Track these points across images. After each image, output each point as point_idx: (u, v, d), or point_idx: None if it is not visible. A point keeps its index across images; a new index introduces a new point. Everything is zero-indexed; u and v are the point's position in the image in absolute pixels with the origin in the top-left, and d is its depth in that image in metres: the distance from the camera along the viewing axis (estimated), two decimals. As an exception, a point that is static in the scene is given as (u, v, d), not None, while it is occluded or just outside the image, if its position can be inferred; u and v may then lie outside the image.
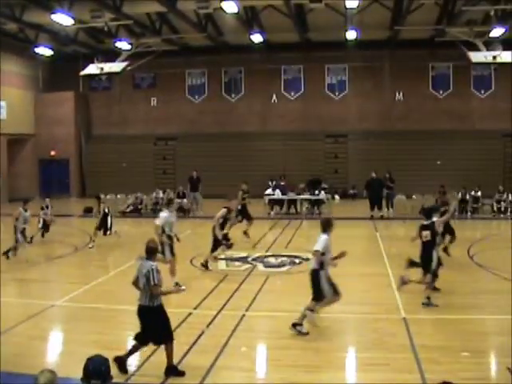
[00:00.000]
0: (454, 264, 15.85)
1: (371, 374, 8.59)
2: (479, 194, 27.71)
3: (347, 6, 24.97)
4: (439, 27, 29.25)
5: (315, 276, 10.41)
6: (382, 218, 25.87)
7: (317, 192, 27.94)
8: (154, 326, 8.50)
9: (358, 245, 19.86)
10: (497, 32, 26.01)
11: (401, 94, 35.76)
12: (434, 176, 30.23)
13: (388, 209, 26.99)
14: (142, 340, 8.62)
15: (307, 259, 16.79)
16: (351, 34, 29.61)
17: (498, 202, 27.71)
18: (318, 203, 27.96)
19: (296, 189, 28.43)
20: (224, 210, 15.69)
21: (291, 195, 28.04)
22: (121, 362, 8.49)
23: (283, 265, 16.15)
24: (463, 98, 35.14)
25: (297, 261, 16.91)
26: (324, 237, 10.58)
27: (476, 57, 25.67)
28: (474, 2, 24.94)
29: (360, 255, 17.75)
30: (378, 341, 9.83)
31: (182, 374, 8.48)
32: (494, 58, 24.60)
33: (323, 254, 10.36)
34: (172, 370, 8.50)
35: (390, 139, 34.38)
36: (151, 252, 8.80)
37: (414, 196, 27.26)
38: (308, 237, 21.99)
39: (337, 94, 36.50)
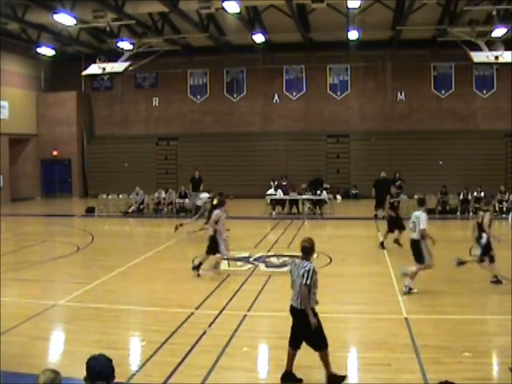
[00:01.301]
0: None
1: (373, 374, 8.59)
2: (482, 194, 27.67)
3: (349, 6, 25.00)
4: (441, 27, 29.27)
5: (417, 245, 12.80)
6: (384, 217, 25.77)
7: (318, 192, 27.95)
8: (305, 330, 8.14)
9: (359, 244, 19.90)
10: (499, 32, 25.99)
11: (403, 94, 35.77)
12: (436, 176, 30.28)
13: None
14: (292, 343, 8.34)
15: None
16: (353, 34, 29.61)
17: (500, 202, 27.70)
18: (319, 203, 27.96)
19: (298, 189, 28.44)
20: (218, 212, 15.40)
21: (293, 195, 28.04)
22: (288, 376, 8.24)
23: (285, 265, 16.12)
24: (465, 98, 35.17)
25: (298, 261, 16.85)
26: (424, 215, 12.84)
27: (478, 57, 25.65)
28: (476, 2, 24.97)
29: (362, 255, 17.79)
30: (379, 341, 9.82)
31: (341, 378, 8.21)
32: (496, 58, 24.57)
33: (424, 229, 12.68)
34: (335, 379, 8.15)
35: (392, 139, 34.41)
36: (308, 252, 8.51)
37: (415, 196, 27.13)
38: (311, 237, 22.01)
39: (339, 94, 36.51)
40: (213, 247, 15.00)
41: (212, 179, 30.21)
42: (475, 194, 27.67)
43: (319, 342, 8.14)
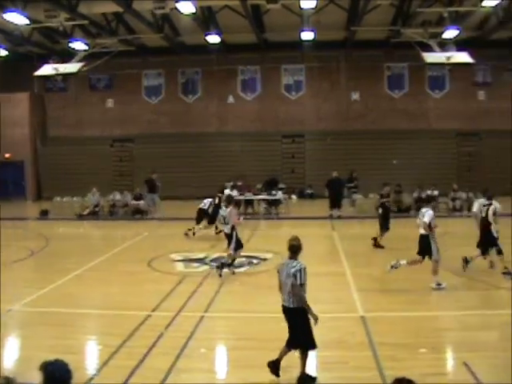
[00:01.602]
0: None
1: (331, 373, 8.65)
2: (435, 192, 28.12)
3: (303, 7, 25.10)
4: (394, 28, 29.65)
5: (426, 239, 13.54)
6: (339, 217, 26.03)
7: (274, 192, 28.02)
8: (294, 330, 8.26)
9: (315, 244, 19.88)
10: (450, 33, 26.50)
11: (357, 94, 36.12)
12: (391, 175, 30.54)
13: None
14: (288, 343, 8.37)
15: (265, 259, 16.90)
16: (307, 35, 29.73)
17: (453, 199, 28.21)
18: (275, 203, 28.04)
19: (253, 189, 28.47)
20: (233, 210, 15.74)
21: (248, 195, 28.04)
22: (275, 365, 8.32)
23: (241, 266, 16.12)
24: (418, 97, 35.76)
25: (255, 261, 16.91)
26: (430, 212, 13.61)
27: (430, 57, 26.06)
28: (428, 4, 25.35)
29: (317, 254, 17.83)
30: (337, 339, 9.89)
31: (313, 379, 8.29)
32: (448, 58, 25.03)
33: (430, 224, 13.40)
34: (306, 379, 8.25)
35: (347, 139, 34.71)
36: (295, 251, 8.38)
37: (370, 195, 27.52)
38: (266, 237, 22.13)
39: (293, 94, 36.69)
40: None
41: (168, 180, 30.07)
42: (428, 192, 28.09)
43: (308, 342, 8.20)
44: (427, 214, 13.61)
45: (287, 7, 27.31)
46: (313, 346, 8.25)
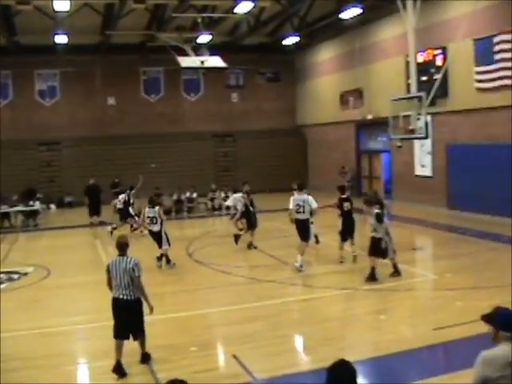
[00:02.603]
0: (178, 264, 16.21)
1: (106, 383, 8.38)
2: (194, 195, 28.82)
3: (56, 9, 24.07)
4: (150, 32, 29.72)
5: (306, 224, 14.95)
6: (101, 223, 25.42)
7: (31, 203, 26.65)
8: (136, 319, 8.88)
9: (77, 254, 19.27)
10: (204, 38, 27.38)
11: (113, 98, 35.70)
12: (152, 179, 30.65)
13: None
14: (121, 335, 8.78)
15: (26, 274, 15.93)
16: (61, 38, 28.57)
17: (212, 199, 29.12)
18: (33, 214, 26.63)
19: (9, 201, 26.78)
20: None
21: (4, 208, 26.31)
22: (120, 367, 8.58)
23: (0, 282, 15.05)
24: (175, 101, 36.37)
25: (15, 276, 15.85)
26: (310, 197, 15.02)
27: (185, 61, 26.48)
28: (182, 9, 25.77)
29: (80, 264, 17.29)
30: (107, 348, 9.57)
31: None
32: (202, 62, 25.63)
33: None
34: (148, 355, 9.06)
35: (106, 144, 34.09)
36: (124, 248, 8.99)
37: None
38: (26, 250, 20.93)
39: (48, 100, 35.22)
40: None
41: None
42: (188, 194, 28.68)
43: (143, 329, 8.97)
44: (311, 199, 14.96)
45: (40, 9, 26.02)
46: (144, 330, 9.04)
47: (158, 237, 16.03)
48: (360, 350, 9.40)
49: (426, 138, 18.91)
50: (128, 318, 8.77)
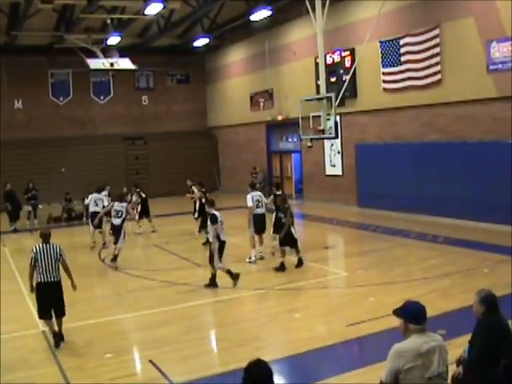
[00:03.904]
0: (90, 270, 15.99)
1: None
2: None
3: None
4: (58, 33, 29.03)
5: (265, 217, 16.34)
6: (15, 231, 24.61)
7: None
8: (60, 297, 9.99)
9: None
10: (113, 40, 27.01)
11: (20, 102, 34.61)
12: (62, 183, 30.06)
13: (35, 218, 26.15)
14: (47, 315, 9.96)
15: None
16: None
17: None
18: None
19: None
20: None
21: None
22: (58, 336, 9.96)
23: None
24: (84, 104, 35.66)
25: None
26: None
27: (94, 63, 26.16)
28: (91, 10, 25.27)
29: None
30: (19, 359, 9.35)
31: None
32: (112, 64, 25.37)
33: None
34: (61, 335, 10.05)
35: (12, 149, 32.91)
36: (47, 237, 10.14)
37: (40, 206, 26.61)
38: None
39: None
40: None
41: None
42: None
43: (64, 308, 10.06)
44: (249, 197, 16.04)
45: None
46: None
47: (117, 231, 16.61)
48: (276, 349, 9.55)
49: (335, 137, 19.25)
50: (53, 298, 9.82)
